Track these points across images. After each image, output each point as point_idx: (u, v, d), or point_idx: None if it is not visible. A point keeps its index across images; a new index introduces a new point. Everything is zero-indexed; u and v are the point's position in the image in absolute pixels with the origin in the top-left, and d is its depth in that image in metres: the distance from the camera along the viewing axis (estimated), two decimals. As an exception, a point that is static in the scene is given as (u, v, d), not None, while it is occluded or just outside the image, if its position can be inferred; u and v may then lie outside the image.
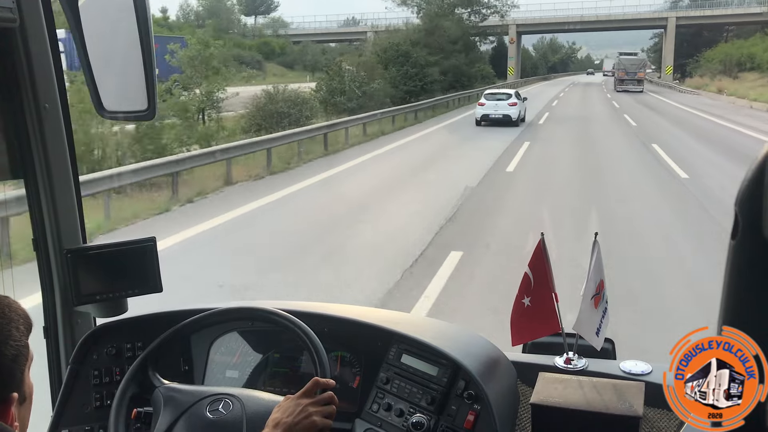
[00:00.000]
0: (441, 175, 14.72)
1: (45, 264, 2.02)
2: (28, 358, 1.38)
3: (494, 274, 7.66)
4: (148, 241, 2.05)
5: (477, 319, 6.07)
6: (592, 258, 1.87)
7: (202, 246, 9.12)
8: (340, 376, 1.93)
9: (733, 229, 0.79)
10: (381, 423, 1.82)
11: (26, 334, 1.37)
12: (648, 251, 8.58)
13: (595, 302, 1.89)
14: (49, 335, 2.06)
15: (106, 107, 1.89)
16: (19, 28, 1.79)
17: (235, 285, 7.07)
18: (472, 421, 1.72)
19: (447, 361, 1.81)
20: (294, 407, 1.51)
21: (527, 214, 10.92)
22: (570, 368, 1.90)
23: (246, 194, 12.82)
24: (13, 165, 1.94)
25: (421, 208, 11.25)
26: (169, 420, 1.63)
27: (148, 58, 1.81)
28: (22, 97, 1.87)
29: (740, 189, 0.78)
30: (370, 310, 2.12)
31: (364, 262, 8.15)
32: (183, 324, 1.81)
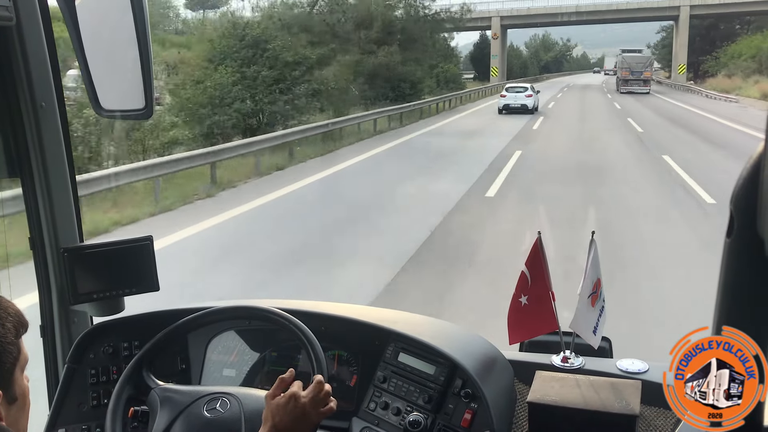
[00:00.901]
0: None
1: (41, 263, 2.01)
2: (17, 358, 1.35)
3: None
4: (144, 240, 2.05)
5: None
6: (589, 256, 1.88)
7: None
8: (337, 374, 1.94)
9: (728, 227, 0.79)
10: (378, 421, 1.82)
11: (14, 332, 1.33)
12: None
13: (592, 301, 1.89)
14: (46, 334, 2.06)
15: (103, 105, 1.89)
16: (16, 26, 1.78)
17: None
18: (469, 419, 1.73)
19: (444, 359, 1.81)
20: (287, 402, 1.52)
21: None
22: (567, 367, 1.90)
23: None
24: (9, 163, 1.93)
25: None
26: (166, 420, 1.63)
27: (146, 57, 1.81)
28: (19, 95, 1.86)
29: (735, 187, 0.78)
30: (367, 308, 2.13)
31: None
32: (179, 323, 1.81)
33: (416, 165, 15.97)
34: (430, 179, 13.90)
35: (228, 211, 10.77)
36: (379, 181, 14.15)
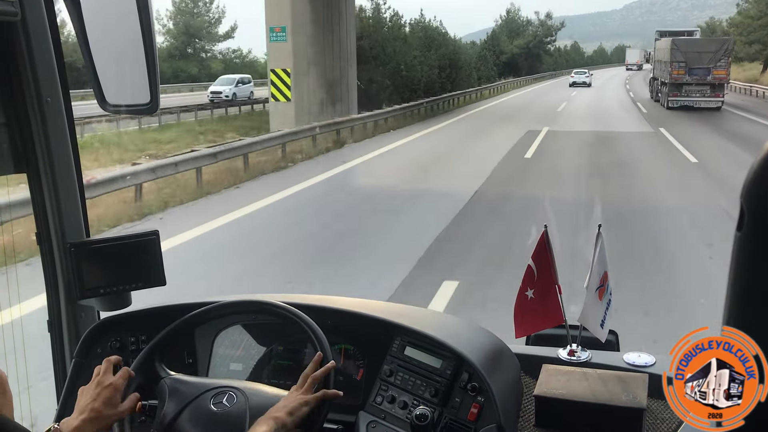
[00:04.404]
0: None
1: (48, 258, 2.02)
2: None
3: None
4: (150, 234, 2.05)
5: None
6: (596, 250, 1.87)
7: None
8: (343, 368, 1.94)
9: (739, 220, 0.78)
10: (385, 415, 1.82)
11: None
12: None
13: (599, 294, 1.88)
14: (53, 329, 2.07)
15: (108, 100, 1.89)
16: (21, 22, 1.78)
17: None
18: (475, 413, 1.72)
19: (450, 353, 1.81)
20: (289, 399, 1.57)
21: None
22: (574, 360, 1.90)
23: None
24: (15, 159, 1.94)
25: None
26: (173, 411, 1.65)
27: (150, 52, 1.81)
28: (24, 91, 1.87)
29: (746, 180, 0.77)
30: (373, 303, 2.12)
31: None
32: (188, 316, 1.82)
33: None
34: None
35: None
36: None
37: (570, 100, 40.34)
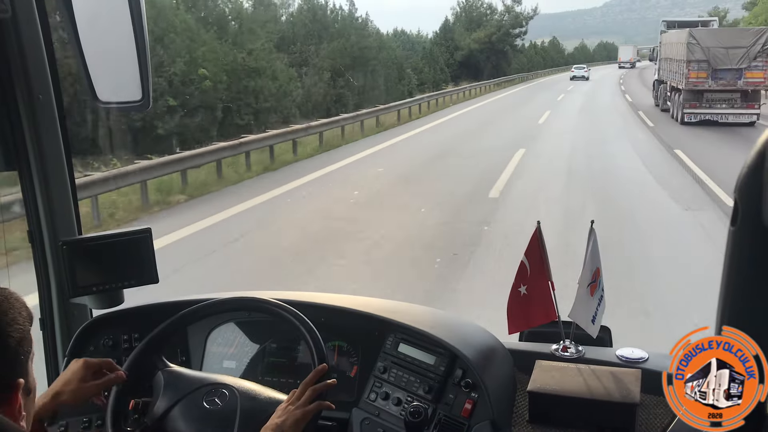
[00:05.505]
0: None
1: (40, 256, 2.01)
2: (31, 348, 1.37)
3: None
4: (143, 232, 2.04)
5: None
6: (589, 246, 1.87)
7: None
8: (337, 365, 1.94)
9: (733, 215, 0.79)
10: (379, 412, 1.83)
11: (29, 321, 1.35)
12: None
13: (591, 290, 1.89)
14: (46, 327, 2.06)
15: (100, 97, 1.88)
16: (12, 19, 1.77)
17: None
18: (469, 409, 1.73)
19: (444, 349, 1.81)
20: (282, 411, 1.55)
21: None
22: (567, 356, 1.90)
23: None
24: (6, 156, 1.93)
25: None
26: (166, 405, 1.65)
27: (142, 48, 1.80)
28: (16, 88, 1.85)
29: (740, 176, 0.77)
30: (366, 299, 2.12)
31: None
32: (181, 314, 1.81)
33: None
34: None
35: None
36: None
37: (555, 107, 30.48)
